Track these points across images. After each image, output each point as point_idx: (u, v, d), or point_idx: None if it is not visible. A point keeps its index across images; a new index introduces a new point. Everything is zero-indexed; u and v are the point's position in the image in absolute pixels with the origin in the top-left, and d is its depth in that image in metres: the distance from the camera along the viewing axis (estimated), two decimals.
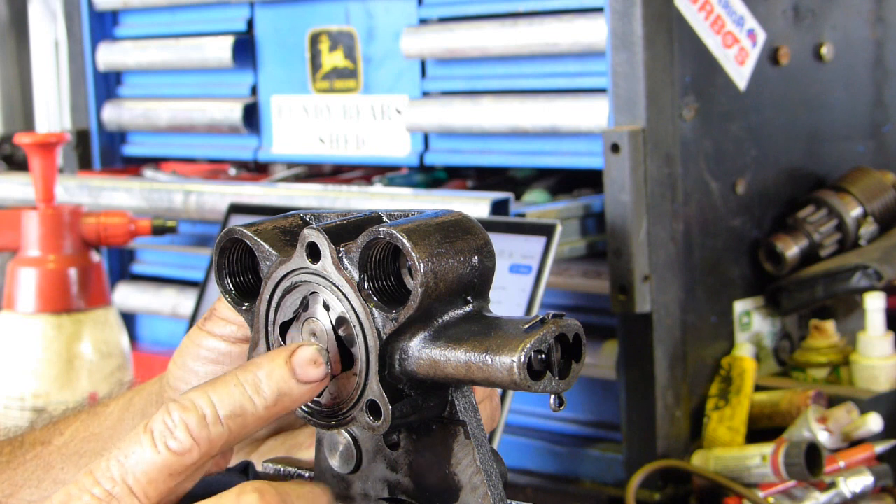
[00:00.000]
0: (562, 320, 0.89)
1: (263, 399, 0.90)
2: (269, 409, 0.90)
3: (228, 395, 0.89)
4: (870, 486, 1.87)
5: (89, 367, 2.25)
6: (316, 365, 0.91)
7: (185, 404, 0.89)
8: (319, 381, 0.91)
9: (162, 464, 0.88)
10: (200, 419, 0.88)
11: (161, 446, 0.88)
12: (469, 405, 0.94)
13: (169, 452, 0.88)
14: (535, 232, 1.92)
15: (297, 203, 2.28)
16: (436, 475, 0.95)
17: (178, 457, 0.88)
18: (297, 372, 0.90)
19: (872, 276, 2.04)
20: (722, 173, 2.07)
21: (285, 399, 0.90)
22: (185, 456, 0.88)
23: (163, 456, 0.88)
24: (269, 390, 0.90)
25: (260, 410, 0.90)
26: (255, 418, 0.90)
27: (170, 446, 0.88)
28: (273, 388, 0.90)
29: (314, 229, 0.93)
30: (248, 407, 0.89)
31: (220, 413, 0.89)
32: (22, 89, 4.14)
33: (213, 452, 0.89)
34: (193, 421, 0.88)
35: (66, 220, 2.29)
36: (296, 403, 0.91)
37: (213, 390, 0.90)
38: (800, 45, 2.17)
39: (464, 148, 2.29)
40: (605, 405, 2.11)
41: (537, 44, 2.12)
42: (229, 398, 0.89)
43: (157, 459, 0.88)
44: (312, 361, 0.91)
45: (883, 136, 2.31)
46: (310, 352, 0.91)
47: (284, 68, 2.52)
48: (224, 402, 0.89)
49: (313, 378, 0.91)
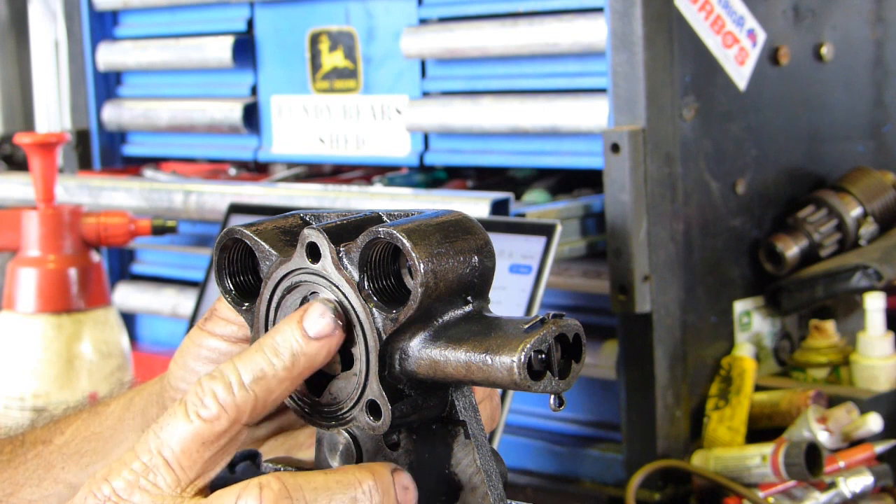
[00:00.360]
0: (562, 320, 0.89)
1: (282, 360, 0.93)
2: (289, 370, 0.93)
3: (250, 360, 0.93)
4: (870, 486, 1.87)
5: (89, 367, 2.25)
6: (322, 317, 0.93)
7: (213, 374, 0.93)
8: (330, 336, 0.93)
9: (194, 433, 0.92)
10: (227, 385, 0.92)
11: (192, 415, 0.92)
12: (469, 405, 0.94)
13: (200, 420, 0.92)
14: (535, 232, 1.92)
15: (297, 203, 2.28)
16: (436, 475, 0.95)
17: (209, 424, 0.91)
18: (308, 328, 0.93)
19: (872, 276, 2.04)
20: (722, 173, 2.07)
21: (301, 358, 0.93)
22: (215, 423, 0.92)
23: (195, 425, 0.91)
24: (286, 351, 0.93)
25: (280, 372, 0.93)
26: (277, 381, 0.93)
27: (200, 414, 0.92)
28: (288, 348, 0.93)
29: (314, 229, 0.93)
30: (269, 370, 0.93)
31: (245, 378, 0.92)
32: (22, 89, 4.15)
33: (243, 419, 0.92)
34: (220, 388, 0.92)
35: (66, 220, 2.29)
36: (312, 362, 0.93)
37: (238, 359, 0.94)
38: (800, 45, 2.17)
39: (464, 148, 2.29)
40: (605, 405, 2.11)
41: (537, 44, 2.12)
42: (251, 364, 0.93)
43: (190, 429, 0.91)
44: (319, 315, 0.93)
45: (883, 136, 2.31)
46: (317, 307, 0.93)
47: (284, 68, 2.52)
48: (247, 367, 0.93)
49: (322, 331, 0.93)
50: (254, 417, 0.93)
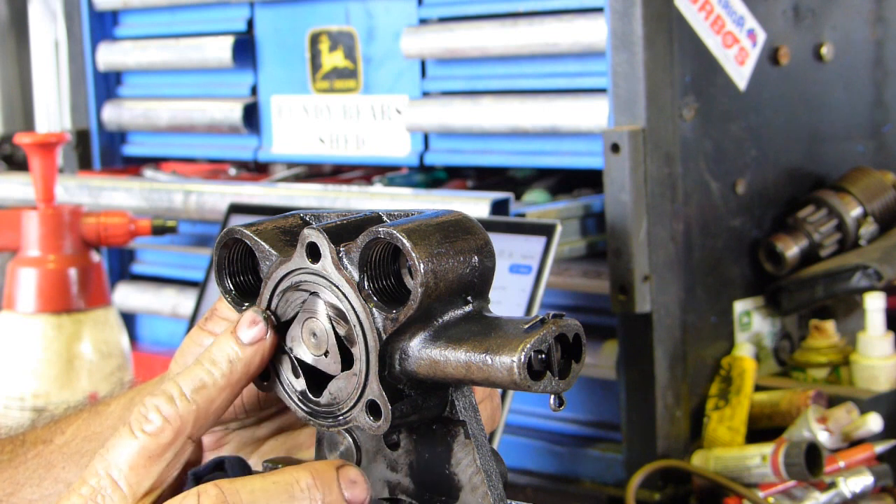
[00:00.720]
0: (562, 320, 0.89)
1: (219, 368, 0.96)
2: (227, 378, 0.96)
3: (190, 374, 0.96)
4: (870, 486, 1.87)
5: (89, 367, 2.25)
6: (253, 324, 0.96)
7: (154, 392, 0.96)
8: (261, 341, 0.96)
9: (140, 448, 0.94)
10: (169, 398, 0.95)
11: (137, 431, 0.94)
12: (469, 405, 0.94)
13: (144, 435, 0.94)
14: (535, 232, 1.92)
15: (297, 203, 2.28)
16: (436, 475, 0.95)
17: (154, 437, 0.94)
18: (240, 336, 0.96)
19: (872, 276, 2.04)
20: (722, 173, 2.07)
21: (238, 364, 0.96)
22: (160, 436, 0.94)
23: (140, 440, 0.94)
24: (222, 359, 0.96)
25: (219, 380, 0.96)
26: (217, 389, 0.96)
27: (144, 429, 0.94)
28: (222, 356, 0.96)
29: (314, 229, 0.93)
30: (207, 379, 0.96)
31: (185, 390, 0.95)
32: (22, 89, 4.14)
33: (186, 430, 0.95)
34: (162, 401, 0.95)
35: (66, 220, 2.29)
36: (249, 368, 0.96)
37: (179, 375, 0.96)
38: (800, 45, 2.17)
39: (464, 148, 2.29)
40: (605, 405, 2.11)
41: (537, 44, 2.12)
42: (190, 376, 0.96)
43: (135, 444, 0.94)
44: (249, 322, 0.96)
45: (883, 136, 2.31)
46: (247, 315, 0.97)
47: (284, 68, 2.52)
48: (186, 380, 0.96)
49: (252, 338, 0.96)
50: (197, 427, 0.96)
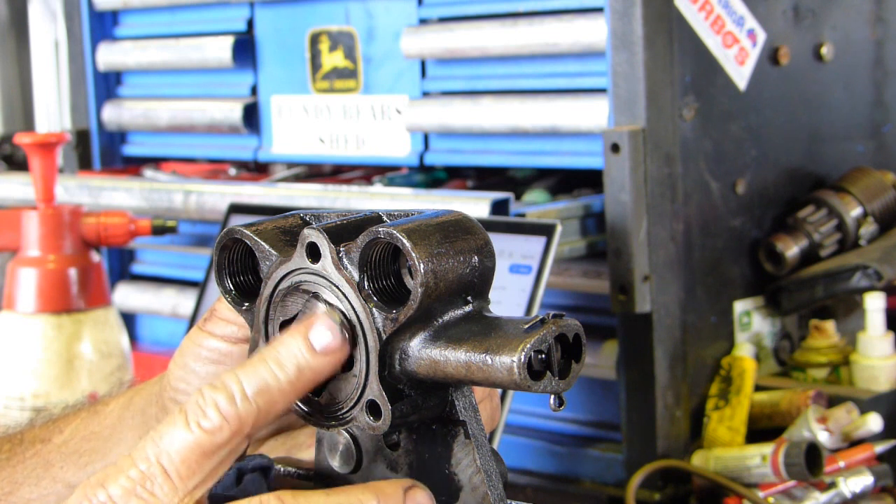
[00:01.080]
0: (562, 320, 0.89)
1: (286, 373, 0.91)
2: (293, 384, 0.91)
3: (254, 372, 0.91)
4: (870, 486, 1.87)
5: (89, 367, 2.25)
6: (329, 330, 0.91)
7: (215, 384, 0.91)
8: (336, 351, 0.92)
9: (194, 443, 0.90)
10: (229, 397, 0.90)
11: (193, 425, 0.90)
12: (469, 405, 0.94)
13: (201, 431, 0.90)
14: (535, 232, 1.92)
15: (297, 203, 2.28)
16: (436, 475, 0.95)
17: (210, 435, 0.90)
18: (314, 342, 0.92)
19: (872, 276, 2.04)
20: (722, 173, 2.07)
21: (306, 372, 0.91)
22: (217, 434, 0.90)
23: (195, 435, 0.90)
24: (290, 363, 0.91)
25: (284, 385, 0.91)
26: (280, 393, 0.91)
27: (202, 425, 0.90)
28: (293, 361, 0.91)
29: (314, 229, 0.93)
30: (273, 382, 0.91)
31: (248, 390, 0.90)
32: (22, 89, 4.14)
33: (245, 431, 0.91)
34: (223, 398, 0.90)
35: (66, 220, 2.29)
36: (318, 376, 0.92)
37: (241, 369, 0.92)
38: (800, 45, 2.17)
39: (464, 148, 2.29)
40: (605, 405, 2.11)
41: (537, 44, 2.12)
42: (255, 375, 0.91)
43: (190, 438, 0.90)
44: (326, 328, 0.91)
45: (883, 136, 2.31)
46: (323, 320, 0.92)
47: (284, 68, 2.52)
48: (250, 379, 0.91)
49: (329, 346, 0.92)
50: (256, 429, 0.92)
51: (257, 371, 0.91)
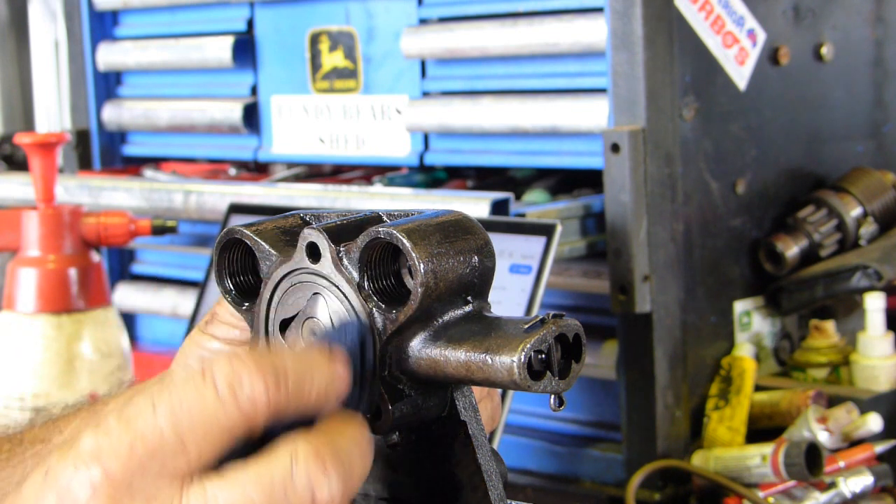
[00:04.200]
0: (562, 320, 0.89)
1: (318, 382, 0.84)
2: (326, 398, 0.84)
3: (297, 366, 0.83)
4: (870, 486, 1.87)
5: (89, 367, 2.25)
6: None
7: (256, 362, 0.82)
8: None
9: (226, 418, 0.80)
10: (276, 379, 0.81)
11: (228, 398, 0.80)
12: (469, 405, 0.94)
13: (237, 408, 0.80)
14: (535, 232, 1.92)
15: (297, 203, 2.28)
16: (436, 475, 0.95)
17: (245, 416, 0.81)
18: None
19: (872, 276, 2.04)
20: (722, 173, 2.07)
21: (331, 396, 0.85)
22: (254, 417, 0.81)
23: (228, 410, 0.80)
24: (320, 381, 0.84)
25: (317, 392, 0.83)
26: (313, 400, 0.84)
27: (239, 400, 0.80)
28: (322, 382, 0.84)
29: (314, 229, 0.93)
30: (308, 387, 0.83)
31: (290, 381, 0.82)
32: (22, 89, 4.14)
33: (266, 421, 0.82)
34: (271, 378, 0.81)
35: (66, 220, 2.29)
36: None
37: (286, 358, 0.84)
38: (800, 45, 2.17)
39: (464, 148, 2.29)
40: (605, 405, 2.11)
41: (537, 44, 2.12)
42: (297, 369, 0.83)
43: (221, 412, 0.80)
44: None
45: (883, 136, 2.31)
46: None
47: (284, 68, 2.52)
48: (293, 369, 0.83)
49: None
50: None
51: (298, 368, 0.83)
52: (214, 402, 0.80)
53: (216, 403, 0.80)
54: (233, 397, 0.80)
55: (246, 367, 0.80)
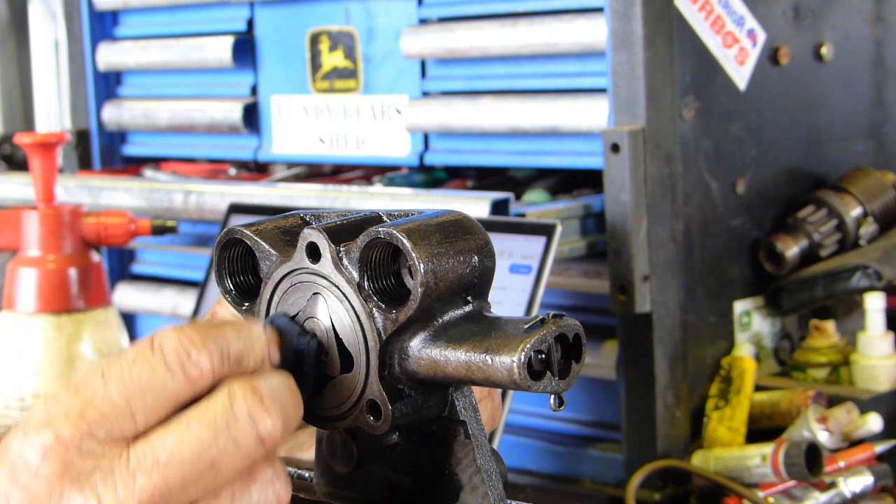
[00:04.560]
0: (562, 320, 0.89)
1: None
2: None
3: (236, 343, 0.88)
4: (870, 486, 1.87)
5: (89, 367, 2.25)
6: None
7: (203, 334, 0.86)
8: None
9: (173, 387, 0.85)
10: (221, 355, 0.87)
11: (176, 368, 0.85)
12: (469, 405, 0.94)
13: (185, 377, 0.85)
14: (535, 232, 1.92)
15: (297, 203, 2.28)
16: (436, 475, 0.95)
17: (192, 385, 0.85)
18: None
19: (872, 276, 2.04)
20: (722, 173, 2.07)
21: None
22: (198, 384, 0.86)
23: (177, 380, 0.85)
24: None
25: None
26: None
27: (187, 371, 0.85)
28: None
29: (314, 229, 0.93)
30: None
31: (231, 354, 0.87)
32: (22, 89, 4.14)
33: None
34: (216, 351, 0.87)
35: (66, 220, 2.29)
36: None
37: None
38: (800, 45, 2.17)
39: (464, 148, 2.29)
40: (605, 405, 2.11)
41: (537, 44, 2.12)
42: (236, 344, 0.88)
43: (170, 384, 0.85)
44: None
45: (883, 136, 2.31)
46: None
47: (284, 68, 2.52)
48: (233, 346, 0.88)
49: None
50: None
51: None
52: (163, 372, 0.83)
53: (164, 372, 0.83)
54: (180, 367, 0.84)
55: (193, 341, 0.84)
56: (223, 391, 0.84)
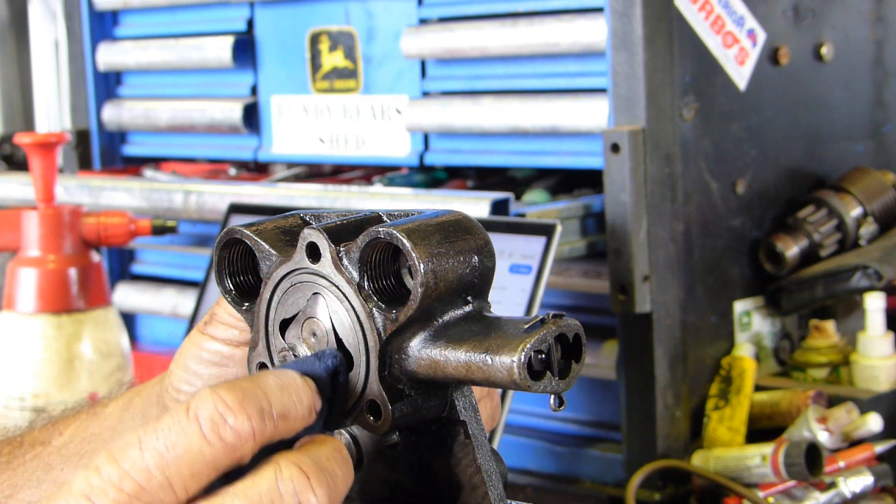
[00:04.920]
0: (562, 320, 0.89)
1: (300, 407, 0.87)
2: (305, 419, 0.87)
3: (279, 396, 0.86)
4: (870, 486, 1.87)
5: (89, 367, 2.25)
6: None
7: (237, 393, 0.84)
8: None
9: (210, 454, 0.82)
10: (259, 411, 0.84)
11: (212, 435, 0.83)
12: (469, 405, 0.94)
13: (221, 443, 0.82)
14: (535, 232, 1.92)
15: (297, 203, 2.28)
16: (436, 475, 0.95)
17: (231, 450, 0.83)
18: None
19: (872, 276, 2.04)
20: (722, 173, 2.07)
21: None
22: (238, 449, 0.83)
23: (213, 447, 0.82)
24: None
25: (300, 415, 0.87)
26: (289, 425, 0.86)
27: (223, 436, 0.83)
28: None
29: (314, 229, 0.93)
30: (293, 410, 0.86)
31: (275, 411, 0.85)
32: (22, 89, 4.14)
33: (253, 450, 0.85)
34: (254, 411, 0.84)
35: (66, 220, 2.29)
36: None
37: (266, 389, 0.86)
38: (800, 45, 2.17)
39: (464, 148, 2.29)
40: (605, 405, 2.11)
41: (537, 44, 2.12)
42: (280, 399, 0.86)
43: (206, 450, 0.82)
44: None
45: (883, 136, 2.31)
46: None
47: (284, 68, 2.52)
48: (276, 400, 0.86)
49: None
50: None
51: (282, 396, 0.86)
52: (199, 441, 0.82)
53: (201, 441, 0.82)
54: (217, 435, 0.82)
55: (229, 405, 0.82)
56: (270, 468, 0.83)
